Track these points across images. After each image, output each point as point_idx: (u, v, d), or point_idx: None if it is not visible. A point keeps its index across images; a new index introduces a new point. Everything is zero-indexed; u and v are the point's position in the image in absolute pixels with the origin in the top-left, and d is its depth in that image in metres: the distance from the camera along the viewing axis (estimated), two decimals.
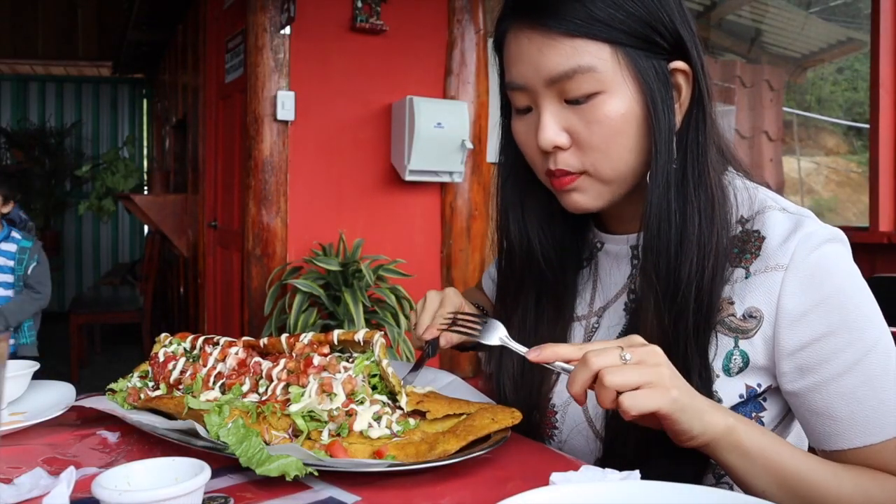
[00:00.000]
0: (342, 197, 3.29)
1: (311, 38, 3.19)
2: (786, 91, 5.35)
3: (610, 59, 0.75)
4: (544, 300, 0.92)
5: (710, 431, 0.69)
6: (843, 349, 0.74)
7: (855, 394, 0.73)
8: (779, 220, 0.79)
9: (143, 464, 0.63)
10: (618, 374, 0.66)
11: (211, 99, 3.98)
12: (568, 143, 0.79)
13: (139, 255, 7.92)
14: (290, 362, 0.83)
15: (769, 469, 0.70)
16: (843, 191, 6.85)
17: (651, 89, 0.77)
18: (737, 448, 0.70)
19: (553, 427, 0.90)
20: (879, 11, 2.71)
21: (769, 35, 5.22)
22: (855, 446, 0.74)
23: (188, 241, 4.67)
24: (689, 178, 0.78)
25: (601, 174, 0.80)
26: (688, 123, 0.80)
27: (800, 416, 0.79)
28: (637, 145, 0.79)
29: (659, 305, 0.78)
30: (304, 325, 2.78)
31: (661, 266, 0.78)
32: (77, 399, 0.93)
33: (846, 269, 0.77)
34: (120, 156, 6.91)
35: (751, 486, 0.71)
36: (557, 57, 0.75)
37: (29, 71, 7.95)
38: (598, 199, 0.82)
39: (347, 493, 0.68)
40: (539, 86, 0.78)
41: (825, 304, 0.74)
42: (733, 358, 0.78)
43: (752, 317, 0.77)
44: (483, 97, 3.56)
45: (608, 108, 0.76)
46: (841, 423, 0.74)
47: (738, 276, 0.79)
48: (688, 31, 0.78)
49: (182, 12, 4.86)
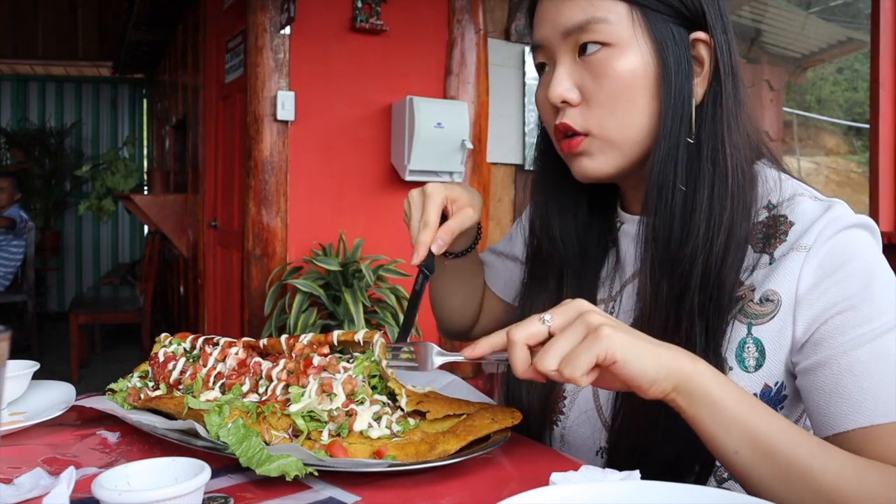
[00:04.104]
0: (342, 197, 3.29)
1: (311, 38, 3.19)
2: (786, 91, 5.35)
3: (625, 16, 0.77)
4: (566, 285, 0.92)
5: (672, 374, 0.63)
6: (860, 324, 0.70)
7: (867, 369, 0.69)
8: (809, 206, 0.77)
9: (143, 464, 0.63)
10: (547, 354, 0.63)
11: (211, 99, 3.98)
12: (578, 98, 0.80)
13: (139, 255, 7.92)
14: (289, 363, 0.83)
15: (743, 426, 0.64)
16: (843, 191, 6.85)
17: (664, 51, 0.77)
18: (705, 397, 0.64)
19: (560, 412, 0.90)
20: (879, 11, 2.71)
21: (769, 35, 5.22)
22: (861, 425, 0.68)
23: (188, 241, 4.67)
24: (704, 152, 0.77)
25: (608, 134, 0.79)
26: (708, 98, 0.79)
27: (808, 401, 0.74)
28: (647, 108, 0.78)
29: (655, 274, 0.77)
30: (304, 325, 2.78)
31: (661, 233, 0.77)
32: (77, 399, 0.93)
33: (871, 253, 0.74)
34: (120, 156, 6.91)
35: (721, 446, 0.65)
36: (573, 10, 0.78)
37: (29, 71, 7.95)
38: (607, 164, 0.81)
39: (347, 493, 0.68)
40: (556, 41, 0.80)
41: (846, 279, 0.71)
42: (746, 347, 0.76)
43: (769, 300, 0.75)
44: (483, 97, 3.56)
45: (618, 64, 0.77)
46: (849, 401, 0.69)
47: (763, 262, 0.77)
48: (713, 6, 0.78)
49: (182, 12, 4.86)
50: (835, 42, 5.32)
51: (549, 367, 0.63)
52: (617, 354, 0.62)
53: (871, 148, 2.81)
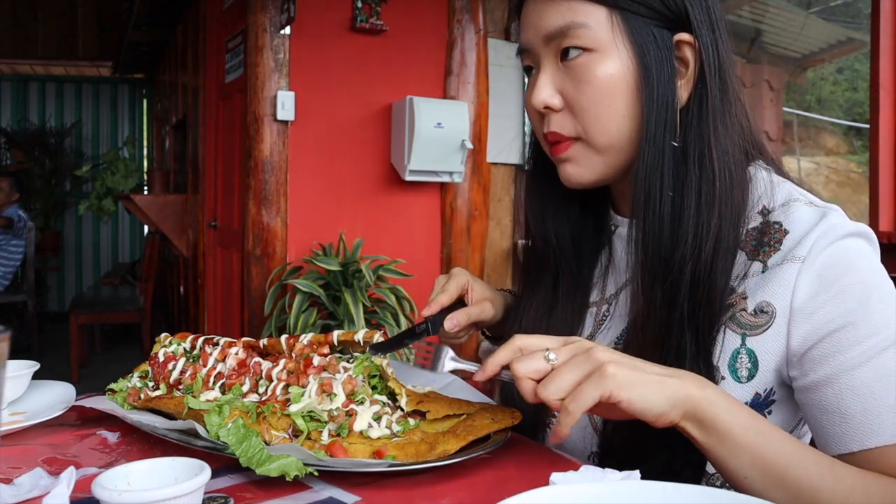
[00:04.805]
0: (342, 197, 3.29)
1: (311, 38, 3.19)
2: (786, 91, 5.34)
3: (605, 21, 0.76)
4: (561, 286, 0.92)
5: (679, 404, 0.64)
6: (859, 341, 0.69)
7: (870, 388, 0.68)
8: (804, 213, 0.75)
9: (143, 464, 0.63)
10: (549, 385, 0.64)
11: (211, 99, 3.97)
12: (560, 104, 0.80)
13: (139, 255, 7.92)
14: (289, 363, 0.83)
15: (752, 452, 0.64)
16: (843, 191, 6.84)
17: (645, 55, 0.76)
18: (714, 425, 0.64)
19: (552, 416, 0.90)
20: (879, 11, 2.70)
21: (769, 35, 5.22)
22: (867, 447, 0.68)
23: (188, 241, 4.67)
24: (690, 157, 0.76)
25: (593, 140, 0.79)
26: (692, 100, 0.78)
27: (810, 418, 0.73)
28: (630, 112, 0.77)
29: (647, 282, 0.77)
30: (304, 325, 2.78)
31: (651, 241, 0.77)
32: (77, 399, 0.93)
33: (869, 263, 0.73)
34: (120, 156, 6.90)
35: (732, 471, 0.66)
36: (554, 15, 0.78)
37: (29, 71, 7.95)
38: (592, 171, 0.81)
39: (347, 493, 0.68)
40: (539, 46, 0.81)
41: (843, 293, 0.70)
42: (739, 357, 0.75)
43: (763, 312, 0.74)
44: (483, 97, 3.56)
45: (598, 69, 0.77)
46: (853, 422, 0.68)
47: (754, 269, 0.75)
48: (698, 6, 0.77)
49: (182, 12, 4.86)
50: (835, 42, 5.31)
51: (550, 398, 0.64)
52: (622, 394, 0.62)
53: (871, 148, 2.81)
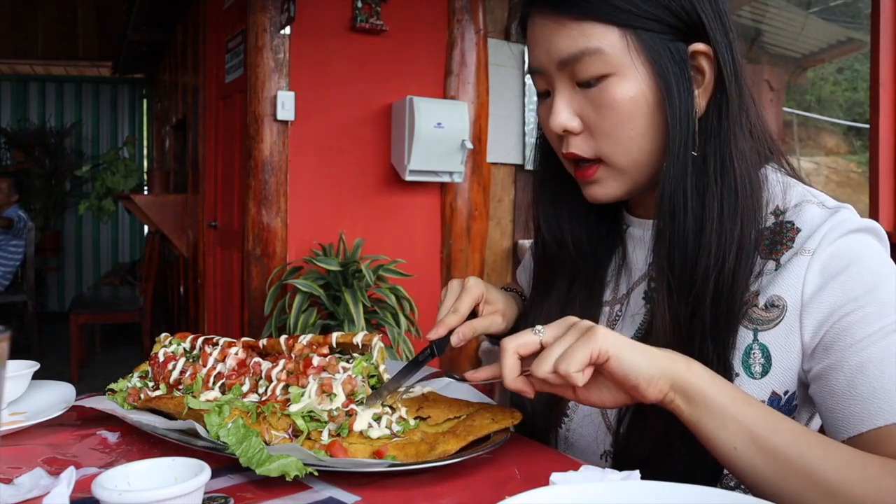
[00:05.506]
0: (342, 197, 3.29)
1: (311, 38, 3.19)
2: (786, 91, 5.34)
3: (618, 42, 0.75)
4: (576, 287, 0.92)
5: (667, 373, 0.65)
6: (868, 324, 0.69)
7: (879, 369, 0.68)
8: (815, 212, 0.76)
9: (143, 464, 0.63)
10: (543, 359, 0.65)
11: (211, 99, 3.97)
12: (579, 127, 0.79)
13: (139, 255, 7.92)
14: (289, 363, 0.83)
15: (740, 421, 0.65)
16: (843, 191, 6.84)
17: (664, 72, 0.75)
18: (700, 395, 0.65)
19: (563, 414, 0.89)
20: (879, 11, 2.70)
21: (769, 35, 5.22)
22: (876, 426, 0.67)
23: (188, 241, 4.67)
24: (711, 166, 0.75)
25: (616, 162, 0.79)
26: (711, 109, 0.77)
27: (822, 407, 0.73)
28: (651, 130, 0.77)
29: (672, 297, 0.76)
30: (304, 325, 2.78)
31: (676, 256, 0.76)
32: (77, 399, 0.93)
33: (876, 256, 0.73)
34: (120, 156, 6.90)
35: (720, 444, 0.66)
36: (566, 40, 0.76)
37: (29, 71, 7.94)
38: (618, 189, 0.81)
39: (347, 493, 0.68)
40: (552, 69, 0.79)
41: (850, 280, 0.71)
42: (752, 353, 0.75)
43: (774, 306, 0.74)
44: (483, 97, 3.56)
45: (617, 92, 0.75)
46: (862, 402, 0.68)
47: (768, 268, 0.76)
48: (710, 12, 0.76)
49: (182, 12, 4.86)
50: (835, 42, 5.31)
51: (545, 370, 0.65)
52: (611, 350, 0.64)
53: (871, 148, 2.81)
